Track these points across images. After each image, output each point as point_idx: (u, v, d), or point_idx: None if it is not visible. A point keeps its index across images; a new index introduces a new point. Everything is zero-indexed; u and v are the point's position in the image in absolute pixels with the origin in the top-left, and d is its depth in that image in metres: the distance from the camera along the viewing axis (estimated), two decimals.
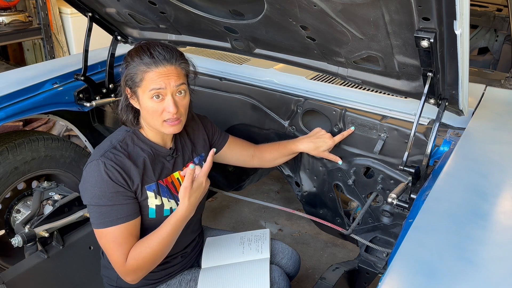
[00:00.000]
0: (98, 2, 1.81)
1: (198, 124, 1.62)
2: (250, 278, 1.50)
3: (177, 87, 1.31)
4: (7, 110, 1.76)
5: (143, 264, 1.31)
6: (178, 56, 1.33)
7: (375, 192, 1.77)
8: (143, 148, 1.40)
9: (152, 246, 1.30)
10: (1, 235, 1.97)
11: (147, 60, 1.28)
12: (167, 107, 1.30)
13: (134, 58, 1.31)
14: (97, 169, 1.29)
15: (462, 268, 0.84)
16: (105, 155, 1.32)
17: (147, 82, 1.29)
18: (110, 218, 1.29)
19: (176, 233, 1.35)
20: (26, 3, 4.06)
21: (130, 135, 1.41)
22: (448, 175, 1.16)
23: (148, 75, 1.28)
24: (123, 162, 1.33)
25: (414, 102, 1.46)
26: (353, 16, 1.17)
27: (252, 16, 1.42)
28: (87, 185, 1.31)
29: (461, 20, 0.99)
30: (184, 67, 1.35)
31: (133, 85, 1.32)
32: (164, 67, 1.29)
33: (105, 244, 1.32)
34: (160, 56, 1.29)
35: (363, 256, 1.81)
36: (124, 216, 1.30)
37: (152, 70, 1.28)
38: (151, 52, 1.29)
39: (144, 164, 1.38)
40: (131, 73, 1.31)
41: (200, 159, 1.60)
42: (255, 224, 2.84)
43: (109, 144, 1.37)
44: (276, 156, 1.78)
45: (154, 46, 1.31)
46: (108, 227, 1.29)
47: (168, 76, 1.29)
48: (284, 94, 1.87)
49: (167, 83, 1.29)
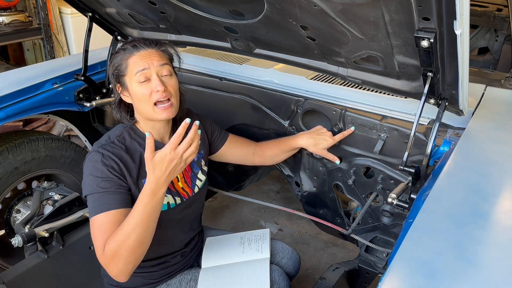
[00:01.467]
0: (98, 2, 1.81)
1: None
2: (250, 278, 1.50)
3: (161, 66, 1.36)
4: (7, 110, 1.77)
5: (119, 250, 1.20)
6: (157, 43, 1.41)
7: (375, 192, 1.77)
8: (140, 143, 1.41)
9: (124, 228, 1.20)
10: (1, 235, 1.97)
11: (130, 49, 1.37)
12: (154, 86, 1.33)
13: (118, 52, 1.40)
14: (94, 159, 1.31)
15: (462, 268, 0.84)
16: (103, 147, 1.34)
17: (131, 67, 1.35)
18: (100, 204, 1.27)
19: (148, 212, 1.21)
20: (26, 3, 4.06)
21: (128, 130, 1.43)
22: (448, 175, 1.16)
23: (131, 60, 1.35)
24: (120, 154, 1.35)
25: (414, 102, 1.46)
26: (353, 16, 1.17)
27: (252, 16, 1.42)
28: (84, 176, 1.32)
29: (461, 20, 0.99)
30: (165, 51, 1.42)
31: (120, 74, 1.37)
32: (145, 50, 1.36)
33: (92, 233, 1.28)
34: (141, 43, 1.37)
35: (363, 256, 1.81)
36: (113, 203, 1.27)
37: (134, 54, 1.35)
38: (134, 44, 1.38)
39: (141, 158, 1.39)
40: (116, 63, 1.38)
41: (199, 157, 1.60)
42: (255, 224, 2.84)
43: (107, 138, 1.39)
44: (277, 153, 1.78)
45: (136, 38, 1.42)
46: (97, 214, 1.26)
47: (150, 57, 1.35)
48: (284, 94, 1.87)
49: (150, 63, 1.34)
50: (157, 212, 1.25)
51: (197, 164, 1.59)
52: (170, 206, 1.45)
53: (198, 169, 1.59)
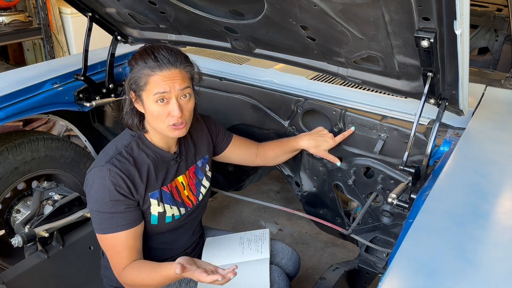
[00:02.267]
0: (98, 2, 1.81)
1: (201, 125, 1.61)
2: (250, 278, 1.50)
3: (181, 91, 1.29)
4: (7, 110, 1.76)
5: (137, 285, 1.33)
6: (182, 59, 1.31)
7: (375, 192, 1.77)
8: (148, 154, 1.39)
9: (143, 276, 1.30)
10: (1, 235, 1.97)
11: (152, 64, 1.26)
12: (172, 111, 1.29)
13: (138, 61, 1.29)
14: (101, 176, 1.29)
15: (462, 268, 0.84)
16: (111, 161, 1.31)
17: (151, 86, 1.27)
18: (109, 225, 1.30)
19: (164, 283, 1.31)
20: (26, 3, 4.06)
21: (136, 139, 1.39)
22: (448, 175, 1.16)
23: (152, 79, 1.27)
24: (128, 169, 1.32)
25: (414, 102, 1.46)
26: (353, 16, 1.17)
27: (252, 16, 1.42)
28: (91, 190, 1.31)
29: (461, 20, 0.99)
30: (189, 70, 1.33)
31: (138, 88, 1.30)
32: (169, 71, 1.27)
33: (105, 248, 1.36)
34: (164, 60, 1.27)
35: (363, 256, 1.81)
36: (124, 224, 1.30)
37: (156, 73, 1.26)
38: (155, 55, 1.27)
39: (148, 172, 1.37)
40: (135, 76, 1.29)
41: (204, 162, 1.59)
42: (255, 224, 2.84)
43: (114, 149, 1.36)
44: (278, 154, 1.77)
45: (158, 49, 1.29)
46: (106, 234, 1.31)
47: (172, 79, 1.27)
48: (284, 94, 1.87)
49: (172, 87, 1.27)
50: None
51: (202, 171, 1.58)
52: (174, 218, 1.45)
53: (203, 176, 1.58)
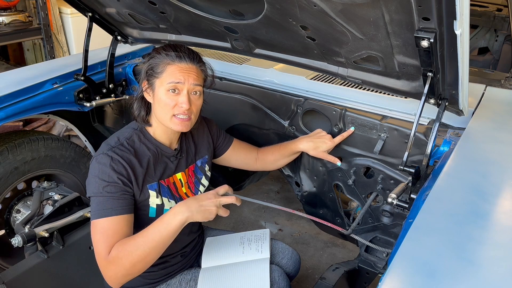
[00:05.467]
0: (98, 2, 1.81)
1: (203, 126, 1.64)
2: (250, 278, 1.50)
3: (194, 86, 1.37)
4: (7, 110, 1.77)
5: (124, 259, 1.23)
6: (200, 59, 1.42)
7: (375, 192, 1.77)
8: (149, 147, 1.42)
9: (138, 240, 1.25)
10: (1, 235, 1.97)
11: (172, 54, 1.35)
12: (181, 102, 1.34)
13: (160, 51, 1.38)
14: (103, 162, 1.31)
15: (462, 268, 0.84)
16: (113, 149, 1.34)
17: (167, 74, 1.34)
18: (104, 208, 1.28)
19: (164, 235, 1.27)
20: (26, 3, 4.06)
21: (137, 133, 1.43)
22: (448, 175, 1.16)
23: (170, 68, 1.35)
24: (129, 158, 1.35)
25: (414, 102, 1.46)
26: (353, 16, 1.17)
27: (252, 16, 1.42)
28: (90, 176, 1.32)
29: (461, 20, 0.99)
30: (204, 70, 1.43)
31: (153, 74, 1.37)
32: (186, 64, 1.36)
33: (94, 235, 1.30)
34: (185, 54, 1.37)
35: (363, 256, 1.81)
36: (117, 208, 1.29)
37: (175, 63, 1.35)
38: (177, 49, 1.37)
39: (148, 163, 1.39)
40: (154, 63, 1.37)
41: (203, 162, 1.60)
42: (255, 224, 2.84)
43: (116, 140, 1.39)
44: (277, 158, 1.78)
45: (181, 46, 1.41)
46: (100, 218, 1.28)
47: (188, 72, 1.36)
48: (284, 94, 1.87)
49: (186, 79, 1.35)
50: (170, 238, 1.28)
51: (201, 170, 1.59)
52: None
53: (202, 175, 1.59)
